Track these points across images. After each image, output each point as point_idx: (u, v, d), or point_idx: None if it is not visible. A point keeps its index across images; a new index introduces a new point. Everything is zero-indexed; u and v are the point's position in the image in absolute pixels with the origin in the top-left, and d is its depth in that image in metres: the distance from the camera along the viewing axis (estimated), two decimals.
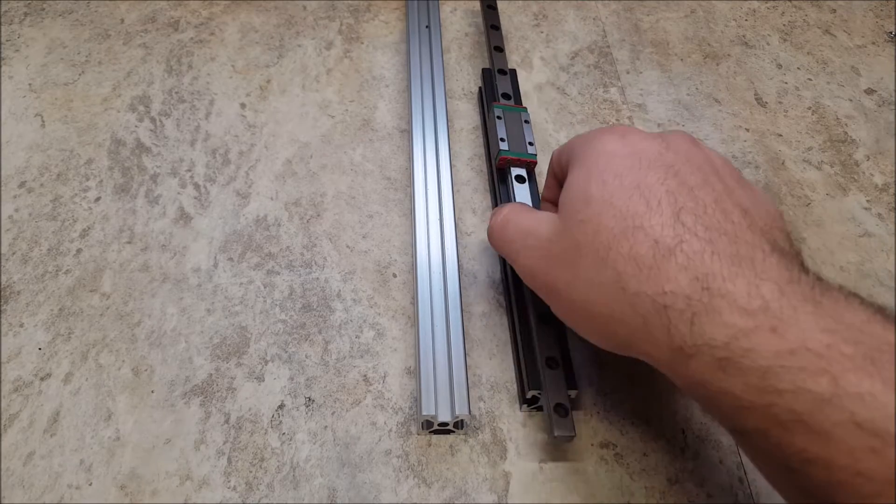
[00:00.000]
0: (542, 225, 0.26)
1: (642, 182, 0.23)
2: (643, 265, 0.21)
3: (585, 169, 0.25)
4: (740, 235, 0.21)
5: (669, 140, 0.25)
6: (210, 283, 0.34)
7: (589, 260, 0.23)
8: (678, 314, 0.20)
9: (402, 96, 0.43)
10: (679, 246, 0.21)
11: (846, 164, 0.40)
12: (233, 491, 0.28)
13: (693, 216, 0.21)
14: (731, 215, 0.22)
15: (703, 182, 0.23)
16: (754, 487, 0.28)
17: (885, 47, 0.47)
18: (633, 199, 0.22)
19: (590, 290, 0.23)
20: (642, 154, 0.24)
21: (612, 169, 0.24)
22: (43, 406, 0.30)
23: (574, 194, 0.25)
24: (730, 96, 0.44)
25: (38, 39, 0.45)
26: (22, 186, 0.37)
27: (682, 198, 0.22)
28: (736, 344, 0.19)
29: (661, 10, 0.49)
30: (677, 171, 0.23)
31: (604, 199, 0.23)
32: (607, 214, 0.23)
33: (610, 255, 0.22)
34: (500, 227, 0.28)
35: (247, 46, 0.45)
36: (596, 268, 0.22)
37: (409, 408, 0.30)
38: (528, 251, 0.26)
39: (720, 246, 0.20)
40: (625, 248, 0.22)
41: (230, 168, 0.39)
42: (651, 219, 0.22)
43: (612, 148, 0.25)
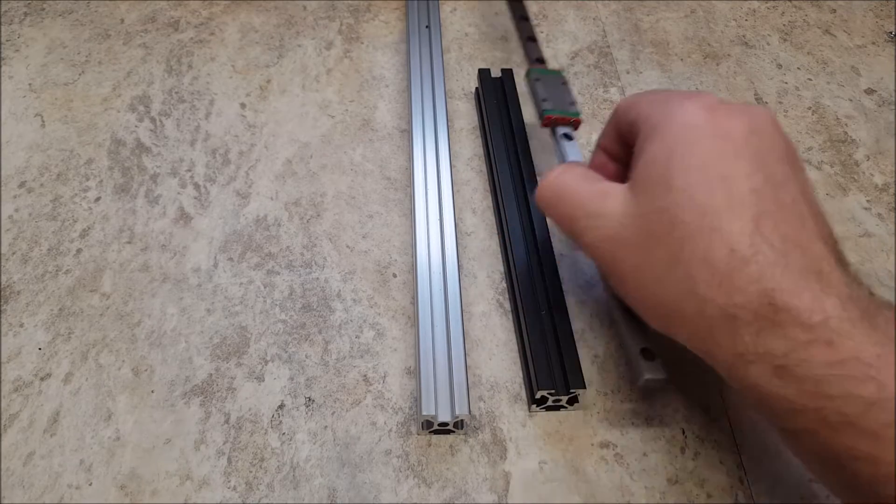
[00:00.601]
0: (607, 203, 0.25)
1: (728, 174, 0.22)
2: (716, 272, 0.21)
3: (667, 146, 0.23)
4: (811, 247, 0.21)
5: (754, 118, 0.23)
6: (210, 283, 0.34)
7: (661, 253, 0.22)
8: (745, 325, 0.21)
9: (402, 96, 0.43)
10: (754, 257, 0.21)
11: (846, 164, 0.40)
12: (233, 491, 0.28)
13: (772, 223, 0.21)
14: (806, 221, 0.22)
15: (784, 178, 0.22)
16: (754, 487, 0.28)
17: (885, 47, 0.47)
18: (715, 193, 0.22)
19: (658, 284, 0.23)
20: (729, 136, 0.23)
21: (697, 152, 0.22)
22: (43, 406, 0.30)
23: (653, 175, 0.23)
24: (730, 96, 0.44)
25: (38, 39, 0.45)
26: (22, 186, 0.37)
27: (765, 200, 0.22)
28: (794, 355, 0.20)
29: (661, 10, 0.49)
30: (762, 162, 0.22)
31: (685, 189, 0.22)
32: (686, 207, 0.22)
33: (683, 254, 0.22)
34: (554, 197, 0.27)
35: (247, 46, 0.45)
36: (667, 264, 0.22)
37: (409, 408, 0.30)
38: (593, 231, 0.25)
39: (792, 259, 0.21)
40: (700, 249, 0.21)
41: (230, 168, 0.39)
42: (731, 221, 0.21)
43: (697, 122, 0.23)
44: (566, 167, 0.28)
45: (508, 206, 0.35)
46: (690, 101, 0.24)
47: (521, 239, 0.34)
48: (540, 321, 0.31)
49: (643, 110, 0.26)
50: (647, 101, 0.26)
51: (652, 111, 0.25)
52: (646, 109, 0.26)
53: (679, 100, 0.24)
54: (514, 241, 0.34)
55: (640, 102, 0.27)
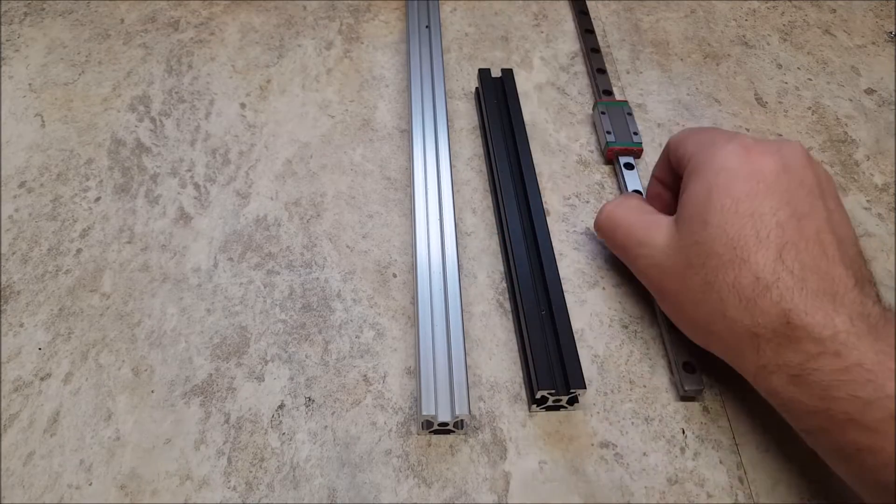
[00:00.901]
0: (655, 235, 0.29)
1: (756, 211, 0.25)
2: (743, 297, 0.25)
3: (705, 187, 0.27)
4: (830, 271, 0.24)
5: (786, 156, 0.26)
6: (210, 283, 0.34)
7: (698, 279, 0.26)
8: (766, 342, 0.24)
9: (402, 96, 0.43)
10: (776, 283, 0.24)
11: (846, 164, 0.40)
12: (233, 491, 0.28)
13: (794, 252, 0.24)
14: (828, 248, 0.24)
15: (810, 210, 0.25)
16: (754, 487, 0.28)
17: (885, 47, 0.47)
18: (745, 229, 0.25)
19: (695, 306, 0.27)
20: (761, 175, 0.26)
21: (731, 193, 0.26)
22: (43, 406, 0.30)
23: (693, 213, 0.27)
24: (730, 96, 0.44)
25: (38, 39, 0.45)
26: (22, 186, 0.37)
27: (789, 231, 0.25)
28: (806, 365, 0.23)
29: (661, 10, 0.49)
30: (790, 197, 0.25)
31: (719, 225, 0.26)
32: (719, 242, 0.25)
33: (717, 281, 0.25)
34: (609, 229, 0.32)
35: (247, 46, 0.45)
36: (702, 289, 0.26)
37: (409, 408, 0.30)
38: (643, 259, 0.30)
39: (810, 283, 0.24)
40: (730, 277, 0.25)
41: (230, 168, 0.39)
42: (757, 253, 0.25)
43: (733, 165, 0.26)
44: (622, 199, 0.33)
45: (508, 206, 0.35)
46: (729, 142, 0.27)
47: (521, 239, 0.34)
48: (540, 321, 0.31)
49: (689, 149, 0.29)
50: (693, 141, 0.30)
51: (697, 150, 0.29)
52: (691, 148, 0.29)
53: (719, 140, 0.28)
54: (514, 241, 0.34)
55: (688, 141, 0.30)
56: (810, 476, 0.29)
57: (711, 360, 0.29)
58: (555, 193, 0.38)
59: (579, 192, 0.38)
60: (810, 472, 0.29)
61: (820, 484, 0.28)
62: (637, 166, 0.39)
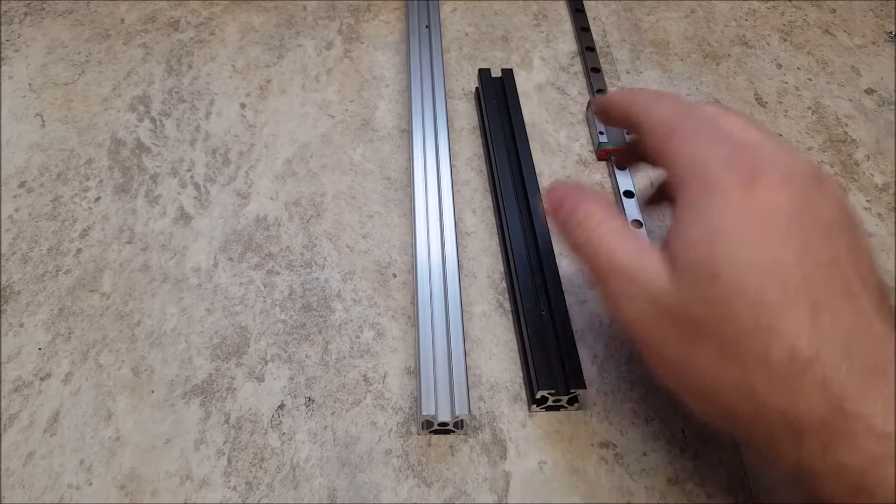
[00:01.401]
0: (645, 270, 0.22)
1: (777, 261, 0.20)
2: (776, 374, 0.19)
3: (707, 230, 0.21)
4: (872, 332, 0.20)
5: (797, 185, 0.21)
6: (210, 283, 0.34)
7: (712, 347, 0.21)
8: (811, 435, 0.19)
9: (402, 96, 0.43)
10: (817, 358, 0.19)
11: (846, 164, 0.40)
12: (233, 491, 0.28)
13: (830, 314, 0.19)
14: (860, 301, 0.20)
15: (835, 254, 0.20)
16: (754, 487, 0.28)
17: (885, 47, 0.47)
18: (767, 286, 0.20)
19: (708, 380, 0.21)
20: (773, 216, 0.21)
21: (743, 238, 0.20)
22: (43, 406, 0.30)
23: (695, 260, 0.21)
24: (730, 96, 0.44)
25: (38, 39, 0.45)
26: (22, 186, 0.37)
27: (818, 288, 0.20)
28: (872, 470, 0.18)
29: (661, 10, 0.49)
30: (811, 241, 0.20)
31: (735, 278, 0.20)
32: (739, 302, 0.20)
33: (739, 352, 0.20)
34: (590, 254, 0.24)
35: (247, 46, 0.45)
36: (719, 360, 0.20)
37: (409, 408, 0.30)
38: (629, 301, 0.23)
39: (857, 354, 0.19)
40: (756, 348, 0.20)
41: (230, 168, 0.39)
42: (787, 317, 0.19)
43: (737, 202, 0.21)
44: (600, 215, 0.25)
45: (508, 206, 0.35)
46: (727, 170, 0.22)
47: (521, 239, 0.34)
48: (540, 321, 0.31)
49: (673, 159, 0.24)
50: (678, 150, 0.23)
51: (685, 172, 0.23)
52: (678, 162, 0.23)
53: (715, 165, 0.22)
54: (514, 241, 0.34)
55: (670, 141, 0.24)
56: None
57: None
58: None
59: None
60: None
61: None
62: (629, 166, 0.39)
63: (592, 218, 0.25)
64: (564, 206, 0.26)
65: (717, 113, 0.25)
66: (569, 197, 0.26)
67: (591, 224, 0.25)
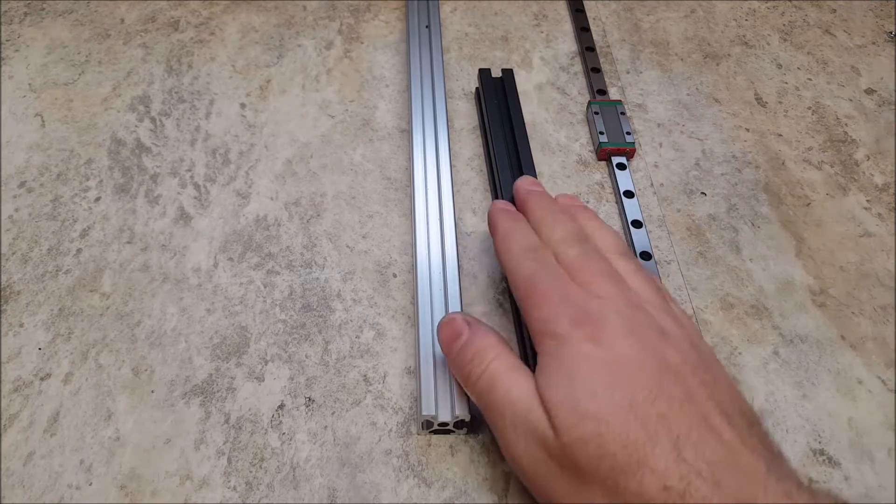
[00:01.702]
0: (534, 411, 0.23)
1: (632, 401, 0.21)
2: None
3: (566, 375, 0.23)
4: (738, 461, 0.21)
5: (644, 339, 0.23)
6: (210, 283, 0.34)
7: (597, 488, 0.21)
8: None
9: (402, 96, 0.43)
10: (688, 491, 0.20)
11: (846, 164, 0.40)
12: (233, 491, 0.28)
13: (692, 448, 0.21)
14: (722, 433, 0.21)
15: (685, 393, 0.22)
16: None
17: (885, 47, 0.47)
18: (629, 422, 0.21)
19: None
20: (620, 364, 0.22)
21: (596, 379, 0.22)
22: (43, 406, 0.30)
23: (561, 399, 0.22)
24: (730, 96, 0.44)
25: (38, 39, 0.45)
26: (22, 186, 0.38)
27: (676, 422, 0.21)
28: None
29: (661, 10, 0.49)
30: (661, 383, 0.22)
31: (599, 417, 0.21)
32: (608, 439, 0.21)
33: (618, 489, 0.21)
34: (485, 391, 0.25)
35: (247, 46, 0.45)
36: (606, 500, 0.21)
37: (409, 408, 0.30)
38: (520, 443, 0.23)
39: (725, 485, 0.20)
40: (633, 485, 0.20)
41: (230, 168, 0.39)
42: (654, 453, 0.20)
43: (588, 352, 0.23)
44: (500, 350, 0.25)
45: None
46: (573, 328, 0.23)
47: None
48: None
49: (530, 311, 0.25)
50: (529, 301, 0.26)
51: (538, 327, 0.25)
52: (534, 316, 0.25)
53: (562, 324, 0.24)
54: None
55: (524, 295, 0.26)
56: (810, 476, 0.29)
57: None
58: (555, 193, 0.38)
59: (579, 192, 0.38)
60: (810, 472, 0.29)
61: (820, 484, 0.28)
62: (629, 166, 0.39)
63: (488, 351, 0.25)
64: (460, 338, 0.26)
65: (574, 259, 0.26)
66: (463, 331, 0.26)
67: (486, 358, 0.25)
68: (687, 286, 0.35)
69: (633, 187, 0.37)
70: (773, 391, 0.31)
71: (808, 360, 0.32)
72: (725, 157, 0.40)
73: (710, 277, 0.35)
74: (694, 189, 0.39)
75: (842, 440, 0.30)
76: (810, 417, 0.30)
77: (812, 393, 0.31)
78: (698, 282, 0.35)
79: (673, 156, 0.40)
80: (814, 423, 0.30)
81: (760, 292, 0.34)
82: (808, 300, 0.34)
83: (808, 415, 0.30)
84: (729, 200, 0.38)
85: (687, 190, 0.39)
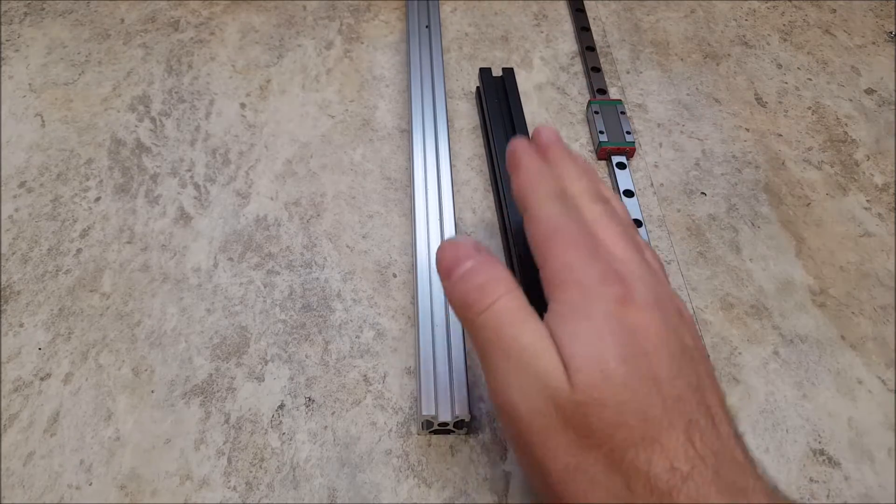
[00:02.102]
0: (545, 360, 0.21)
1: (655, 376, 0.20)
2: (656, 489, 0.20)
3: (595, 330, 0.21)
4: (733, 455, 0.21)
5: (665, 311, 0.22)
6: (210, 283, 0.34)
7: (598, 455, 0.20)
8: None
9: (402, 96, 0.43)
10: (692, 475, 0.20)
11: (846, 164, 0.40)
12: (233, 491, 0.28)
13: (699, 435, 0.20)
14: (722, 427, 0.21)
15: (698, 380, 0.22)
16: None
17: (885, 47, 0.47)
18: (652, 398, 0.20)
19: (590, 490, 0.20)
20: (645, 337, 0.21)
21: (623, 345, 0.21)
22: (43, 406, 0.30)
23: (586, 357, 0.21)
24: (730, 96, 0.44)
25: (38, 39, 0.45)
26: (22, 186, 0.38)
27: (690, 406, 0.21)
28: None
29: (661, 10, 0.49)
30: (679, 364, 0.21)
31: (626, 385, 0.20)
32: (630, 408, 0.20)
33: (625, 461, 0.20)
34: (491, 327, 0.22)
35: (247, 46, 0.45)
36: (605, 469, 0.20)
37: (409, 408, 0.30)
38: (522, 393, 0.21)
39: (723, 475, 0.20)
40: (642, 459, 0.20)
41: (230, 168, 0.39)
42: (669, 433, 0.20)
43: (616, 310, 0.21)
44: (512, 286, 0.23)
45: (509, 206, 0.35)
46: (603, 286, 0.22)
47: (521, 239, 0.34)
48: None
49: (551, 272, 0.23)
50: (555, 266, 0.23)
51: (564, 285, 0.23)
52: (555, 276, 0.23)
53: (591, 283, 0.22)
54: (515, 241, 0.34)
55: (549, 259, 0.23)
56: (810, 476, 0.29)
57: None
58: None
59: None
60: (810, 472, 0.29)
61: (820, 484, 0.28)
62: (629, 166, 0.39)
63: (499, 284, 0.23)
64: (465, 262, 0.23)
65: (599, 216, 0.24)
66: (471, 255, 0.23)
67: (496, 290, 0.22)
68: (687, 286, 0.35)
69: (633, 187, 0.37)
70: (773, 391, 0.31)
71: (808, 360, 0.32)
72: (725, 157, 0.40)
73: (710, 277, 0.35)
74: (694, 189, 0.39)
75: (842, 440, 0.30)
76: (810, 417, 0.30)
77: (812, 393, 0.31)
78: (698, 282, 0.35)
79: (673, 156, 0.40)
80: (814, 423, 0.30)
81: (760, 292, 0.34)
82: (808, 300, 0.34)
83: (808, 415, 0.30)
84: (729, 200, 0.38)
85: (687, 190, 0.39)
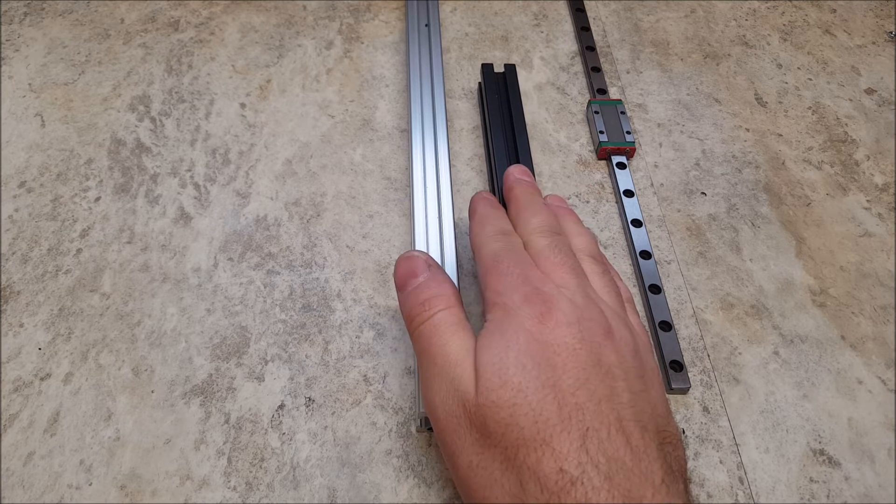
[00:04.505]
0: (461, 369, 0.24)
1: (556, 384, 0.22)
2: (546, 488, 0.21)
3: (504, 341, 0.23)
4: (637, 466, 0.21)
5: (585, 328, 0.24)
6: (210, 283, 0.34)
7: (495, 453, 0.22)
8: None
9: (402, 96, 0.43)
10: (581, 479, 0.21)
11: (846, 164, 0.40)
12: (233, 491, 0.28)
13: (597, 441, 0.21)
14: (632, 437, 0.22)
15: (609, 393, 0.22)
16: (754, 487, 0.28)
17: (885, 47, 0.47)
18: (546, 401, 0.22)
19: (492, 487, 0.22)
20: (557, 348, 0.23)
21: (528, 354, 0.23)
22: (43, 406, 0.30)
23: (489, 364, 0.23)
24: (730, 96, 0.44)
25: (38, 39, 0.45)
26: (22, 186, 0.37)
27: (590, 415, 0.22)
28: None
29: (661, 10, 0.49)
30: (587, 377, 0.23)
31: (520, 388, 0.22)
32: (521, 411, 0.22)
33: (517, 460, 0.21)
34: (426, 336, 0.25)
35: (247, 46, 0.45)
36: (501, 467, 0.22)
37: (409, 408, 0.30)
38: (441, 395, 0.24)
39: (617, 482, 0.21)
40: (532, 459, 0.21)
41: (230, 168, 0.39)
42: (560, 437, 0.21)
43: (531, 328, 0.23)
44: (452, 303, 0.26)
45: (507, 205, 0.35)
46: (524, 305, 0.24)
47: None
48: None
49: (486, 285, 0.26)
50: (487, 277, 0.26)
51: (492, 298, 0.25)
52: (489, 289, 0.26)
53: (515, 301, 0.24)
54: None
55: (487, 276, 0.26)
56: (810, 476, 0.29)
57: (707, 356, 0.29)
58: (555, 193, 0.38)
59: (579, 191, 0.38)
60: (810, 472, 0.29)
61: (820, 484, 0.28)
62: (629, 166, 0.39)
63: (440, 300, 0.26)
64: (416, 278, 0.27)
65: (543, 248, 0.27)
66: (422, 272, 0.27)
67: (436, 306, 0.26)
68: (687, 286, 0.35)
69: (634, 187, 0.38)
70: (773, 391, 0.31)
71: (808, 360, 0.32)
72: (725, 157, 0.40)
73: (710, 277, 0.35)
74: (694, 189, 0.39)
75: (842, 440, 0.30)
76: (810, 417, 0.30)
77: (812, 393, 0.31)
78: (698, 282, 0.35)
79: (673, 156, 0.40)
80: (814, 423, 0.30)
81: (760, 292, 0.34)
82: (808, 300, 0.34)
83: (808, 415, 0.30)
84: (729, 200, 0.38)
85: (687, 190, 0.39)
